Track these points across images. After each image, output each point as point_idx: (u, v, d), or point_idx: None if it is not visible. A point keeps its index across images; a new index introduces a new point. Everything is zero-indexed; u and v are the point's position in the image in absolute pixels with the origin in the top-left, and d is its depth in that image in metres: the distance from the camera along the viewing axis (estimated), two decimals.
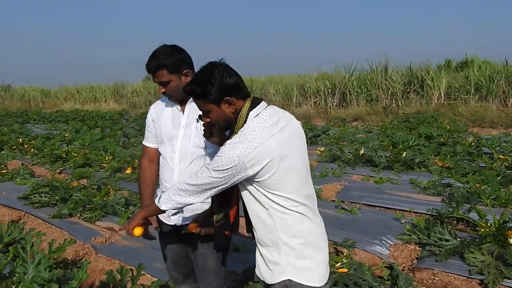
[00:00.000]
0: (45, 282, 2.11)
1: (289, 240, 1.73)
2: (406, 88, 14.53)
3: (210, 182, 1.65)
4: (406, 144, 7.37)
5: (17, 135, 11.39)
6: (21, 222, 4.54)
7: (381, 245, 3.83)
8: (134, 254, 3.73)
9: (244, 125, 1.69)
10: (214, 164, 1.62)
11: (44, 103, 28.44)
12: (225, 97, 1.69)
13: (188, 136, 2.13)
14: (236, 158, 1.59)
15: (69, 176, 6.52)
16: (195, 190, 1.69)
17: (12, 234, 2.96)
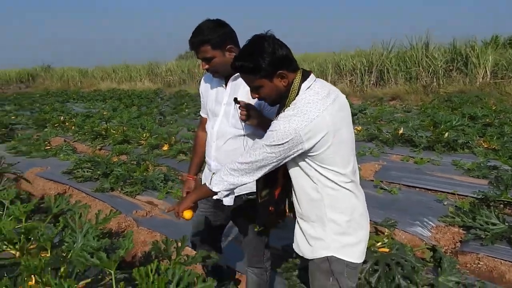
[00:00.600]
0: (94, 250, 2.17)
1: (335, 217, 1.70)
2: (448, 65, 13.84)
3: (264, 158, 1.60)
4: (449, 124, 7.09)
5: (59, 114, 11.80)
6: (67, 195, 4.72)
7: (422, 227, 3.75)
8: (174, 228, 3.79)
9: (296, 98, 1.63)
10: (269, 139, 1.58)
11: (82, 83, 29.23)
12: (278, 71, 1.62)
13: (227, 115, 2.11)
14: (292, 131, 1.54)
15: (109, 152, 6.70)
16: (249, 168, 1.65)
17: (60, 206, 3.07)
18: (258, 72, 1.61)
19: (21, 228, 2.82)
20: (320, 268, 1.73)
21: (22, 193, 4.54)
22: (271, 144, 1.57)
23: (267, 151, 1.59)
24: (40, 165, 6.33)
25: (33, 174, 5.89)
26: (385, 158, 6.19)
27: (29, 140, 8.07)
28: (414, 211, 4.06)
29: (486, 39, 15.24)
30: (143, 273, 1.87)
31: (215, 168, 2.18)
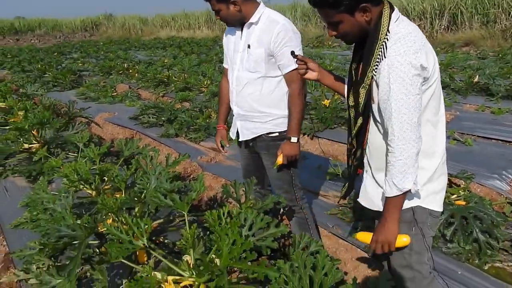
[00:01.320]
0: (167, 192, 2.22)
1: (426, 162, 1.58)
2: None
3: (412, 108, 1.41)
4: None
5: (122, 61, 12.13)
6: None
7: (500, 180, 3.50)
8: (238, 174, 3.82)
9: (390, 30, 1.46)
10: (401, 89, 1.40)
11: (142, 31, 29.74)
12: (361, 4, 1.44)
13: (242, 61, 2.25)
14: (410, 63, 1.38)
15: (171, 99, 6.82)
16: (410, 137, 1.43)
17: (131, 149, 3.17)
18: (338, 6, 1.45)
19: (96, 169, 2.96)
20: (402, 218, 1.61)
21: (94, 136, 4.78)
22: (407, 93, 1.39)
23: (406, 101, 1.40)
24: (107, 111, 6.60)
25: (102, 119, 6.16)
26: (457, 107, 5.79)
27: (97, 86, 8.40)
28: (491, 163, 3.79)
29: None
30: (215, 216, 1.88)
31: (237, 113, 2.37)
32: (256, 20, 2.17)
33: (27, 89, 7.34)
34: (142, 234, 1.93)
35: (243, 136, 2.40)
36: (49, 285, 1.98)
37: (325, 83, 1.89)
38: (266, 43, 2.13)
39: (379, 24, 1.47)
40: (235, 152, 4.48)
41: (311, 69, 1.84)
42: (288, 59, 2.12)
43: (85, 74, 10.88)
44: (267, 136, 2.34)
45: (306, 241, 1.97)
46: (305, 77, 1.88)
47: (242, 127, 2.39)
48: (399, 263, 1.71)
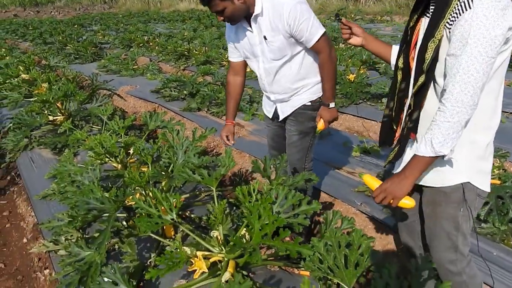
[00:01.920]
0: (195, 167, 2.19)
1: (479, 137, 1.47)
2: None
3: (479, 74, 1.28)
4: None
5: (142, 34, 12.05)
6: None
7: None
8: (261, 149, 3.78)
9: None
10: (478, 46, 1.25)
11: (161, 3, 29.45)
12: None
13: (263, 53, 2.21)
14: (497, 25, 1.22)
15: (192, 73, 6.75)
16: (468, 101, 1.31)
17: (156, 122, 3.14)
18: None
19: (121, 142, 2.95)
20: (450, 197, 1.54)
21: (117, 109, 4.77)
22: (489, 46, 1.24)
23: (482, 59, 1.26)
24: (129, 84, 6.58)
25: (124, 92, 6.15)
26: None
27: (118, 59, 8.37)
28: None
29: None
30: (246, 192, 1.84)
31: (275, 99, 2.37)
32: (260, 11, 2.09)
33: (49, 61, 7.36)
34: (171, 208, 1.92)
35: (283, 115, 2.40)
36: (78, 256, 1.99)
37: (370, 48, 1.79)
38: (281, 28, 2.07)
39: None
40: (258, 127, 4.42)
41: (356, 34, 1.75)
42: (309, 32, 2.07)
43: (105, 46, 10.87)
44: (301, 106, 2.36)
45: (338, 218, 1.93)
46: (350, 42, 1.78)
47: (282, 108, 2.40)
48: (444, 244, 1.64)
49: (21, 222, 2.99)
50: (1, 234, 2.91)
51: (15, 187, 3.55)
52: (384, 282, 1.44)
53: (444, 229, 1.60)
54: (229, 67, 2.51)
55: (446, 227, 1.60)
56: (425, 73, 1.42)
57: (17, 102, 4.87)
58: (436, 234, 1.65)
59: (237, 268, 1.85)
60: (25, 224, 2.93)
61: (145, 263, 2.11)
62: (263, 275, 1.94)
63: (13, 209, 3.22)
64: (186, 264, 1.81)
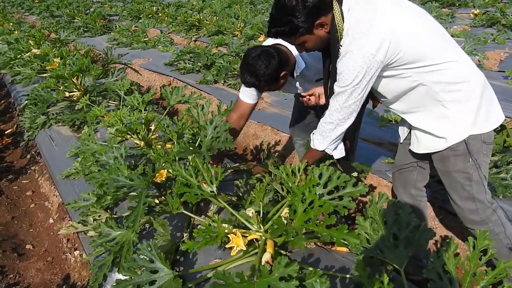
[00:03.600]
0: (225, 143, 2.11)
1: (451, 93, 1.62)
2: None
3: (354, 99, 1.67)
4: None
5: (151, 4, 11.77)
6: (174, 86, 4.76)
7: None
8: (282, 120, 3.68)
9: (344, 26, 1.56)
10: (345, 81, 1.61)
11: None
12: (316, 22, 1.55)
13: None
14: (361, 58, 1.51)
15: (205, 44, 6.57)
16: (343, 116, 1.75)
17: (177, 97, 3.03)
18: (296, 32, 1.58)
19: (142, 118, 2.86)
20: (456, 153, 1.67)
21: (133, 84, 4.66)
22: (352, 84, 1.56)
23: (353, 93, 1.60)
24: (142, 57, 6.45)
25: (137, 65, 6.02)
26: (511, 45, 5.35)
27: (128, 31, 8.20)
28: None
29: None
30: (289, 171, 1.76)
31: None
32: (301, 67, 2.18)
33: (60, 34, 7.22)
34: (211, 180, 1.85)
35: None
36: (109, 237, 1.95)
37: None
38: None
39: (334, 26, 1.55)
40: (278, 98, 4.30)
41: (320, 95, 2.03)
42: None
43: (114, 18, 10.67)
44: None
45: (384, 201, 1.84)
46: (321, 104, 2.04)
47: None
48: (461, 195, 1.74)
49: (46, 202, 2.96)
50: (27, 214, 2.88)
51: (36, 166, 3.51)
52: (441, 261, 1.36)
53: (458, 181, 1.72)
54: (236, 105, 2.38)
55: (459, 179, 1.72)
56: None
57: (30, 78, 4.78)
58: (451, 187, 1.77)
59: (275, 247, 1.79)
60: (50, 204, 2.89)
61: (177, 242, 2.05)
62: (300, 253, 1.88)
63: (36, 189, 3.18)
64: (222, 241, 1.75)
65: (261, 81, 2.00)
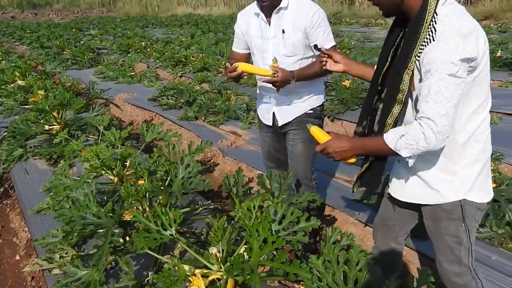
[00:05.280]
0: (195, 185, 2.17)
1: (470, 149, 1.53)
2: None
3: (453, 90, 1.35)
4: None
5: (140, 39, 12.02)
6: (156, 123, 4.84)
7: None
8: (259, 158, 3.74)
9: (438, 12, 1.39)
10: (444, 66, 1.34)
11: (159, 8, 29.49)
12: None
13: (276, 48, 2.22)
14: (461, 43, 1.33)
15: (190, 80, 6.73)
16: (446, 115, 1.36)
17: (153, 134, 3.10)
18: None
19: (117, 154, 2.91)
20: (451, 214, 1.59)
21: (114, 118, 4.73)
22: (449, 70, 1.32)
23: (451, 81, 1.33)
24: (126, 91, 6.55)
25: (121, 100, 6.11)
26: None
27: (115, 65, 8.34)
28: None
29: None
30: (245, 209, 1.82)
31: (275, 99, 2.34)
32: (286, 5, 2.17)
33: (46, 67, 7.32)
34: (170, 223, 1.89)
35: (282, 120, 2.38)
36: (75, 276, 1.95)
37: (353, 73, 1.88)
38: (302, 26, 2.14)
39: (426, 5, 1.39)
40: (255, 136, 4.40)
41: (337, 61, 1.86)
42: (324, 38, 2.18)
43: (103, 52, 10.84)
44: (303, 113, 2.37)
45: (337, 234, 1.90)
46: (332, 69, 1.89)
47: (280, 112, 2.38)
48: (448, 258, 1.70)
49: (14, 237, 2.93)
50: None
51: (8, 200, 3.50)
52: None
53: (448, 244, 1.66)
54: (230, 57, 2.49)
55: (449, 242, 1.66)
56: (401, 103, 1.50)
57: (12, 110, 4.81)
58: (440, 248, 1.71)
59: (236, 286, 1.82)
60: (18, 240, 2.87)
61: (142, 282, 2.07)
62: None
63: (5, 224, 3.16)
64: (185, 282, 1.78)
65: None
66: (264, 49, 2.26)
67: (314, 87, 2.36)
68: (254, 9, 2.26)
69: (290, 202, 1.99)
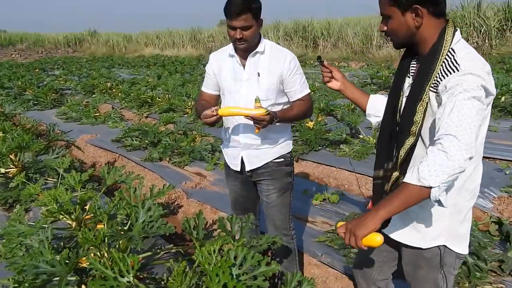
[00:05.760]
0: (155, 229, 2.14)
1: (460, 199, 1.52)
2: (502, 25, 13.18)
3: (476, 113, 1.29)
4: (505, 88, 6.64)
5: (105, 80, 11.99)
6: (117, 164, 4.78)
7: (483, 198, 3.54)
8: (223, 200, 3.75)
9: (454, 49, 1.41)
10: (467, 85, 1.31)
11: (126, 48, 29.66)
12: (414, 5, 1.41)
13: (250, 91, 2.19)
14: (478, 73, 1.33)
15: (155, 121, 6.72)
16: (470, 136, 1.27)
17: (114, 177, 3.06)
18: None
19: (77, 197, 2.85)
20: (430, 262, 1.59)
21: (75, 161, 4.64)
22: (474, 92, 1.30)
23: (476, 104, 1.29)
24: (90, 132, 6.46)
25: (84, 141, 6.02)
26: None
27: (79, 106, 8.25)
28: None
29: None
30: (205, 253, 1.81)
31: (244, 143, 2.26)
32: (263, 49, 2.19)
33: (5, 108, 7.15)
34: (128, 270, 1.84)
35: (250, 166, 2.30)
36: None
37: (348, 94, 1.85)
38: (278, 71, 2.17)
39: (442, 39, 1.42)
40: (220, 176, 4.40)
41: (335, 79, 1.82)
42: (300, 85, 2.23)
43: (67, 92, 10.71)
44: (274, 161, 2.31)
45: (299, 279, 1.91)
46: (329, 86, 1.85)
47: (249, 156, 2.30)
48: None
49: None
50: None
51: None
52: None
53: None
54: (200, 96, 2.46)
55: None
56: (415, 135, 1.46)
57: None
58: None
59: None
60: None
61: None
62: None
63: None
64: None
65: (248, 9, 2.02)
66: (236, 91, 2.24)
67: (284, 133, 2.33)
68: (229, 50, 2.25)
69: (251, 245, 1.99)
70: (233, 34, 2.09)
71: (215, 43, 24.18)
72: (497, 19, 13.11)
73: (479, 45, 13.10)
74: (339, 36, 18.27)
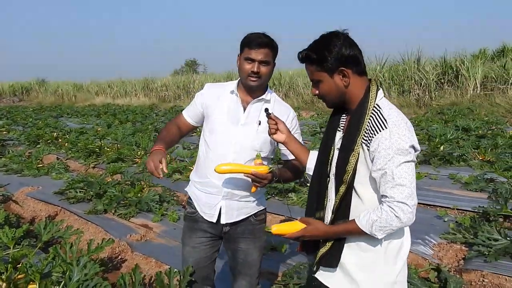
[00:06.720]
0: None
1: (394, 245, 1.63)
2: (440, 79, 14.24)
3: (413, 174, 1.50)
4: (444, 138, 7.08)
5: (52, 130, 11.66)
6: (58, 218, 4.60)
7: (424, 245, 3.67)
8: (169, 252, 3.69)
9: (379, 105, 1.58)
10: (397, 147, 1.47)
11: (76, 97, 29.15)
12: (340, 67, 1.56)
13: (246, 136, 2.05)
14: (407, 134, 1.50)
15: (103, 171, 6.58)
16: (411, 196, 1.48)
17: (50, 232, 2.96)
18: (320, 64, 1.58)
19: (9, 256, 2.71)
20: None
21: (11, 216, 4.42)
22: (407, 157, 1.48)
23: (409, 164, 1.50)
24: (31, 184, 6.20)
25: (24, 194, 5.76)
26: None
27: (21, 157, 7.93)
28: (414, 228, 3.89)
29: (475, 53, 15.70)
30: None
31: (225, 191, 2.06)
32: (269, 99, 2.09)
33: None
34: None
35: (227, 218, 2.09)
36: None
37: (290, 148, 1.90)
38: None
39: (368, 96, 1.58)
40: (167, 228, 4.33)
41: (281, 131, 1.87)
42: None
43: (9, 143, 10.28)
44: (255, 218, 2.16)
45: None
46: (274, 138, 1.88)
47: (228, 207, 2.09)
48: None
49: None
50: None
51: None
52: None
53: None
54: (177, 119, 2.26)
55: None
56: (346, 183, 1.59)
57: None
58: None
59: None
60: None
61: None
62: None
63: None
64: None
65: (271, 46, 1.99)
66: (230, 134, 2.05)
67: (263, 189, 2.14)
68: (230, 86, 2.10)
69: None
70: (249, 67, 1.96)
71: (168, 92, 24.32)
72: (435, 73, 14.16)
73: (420, 96, 14.02)
74: (290, 86, 18.93)
